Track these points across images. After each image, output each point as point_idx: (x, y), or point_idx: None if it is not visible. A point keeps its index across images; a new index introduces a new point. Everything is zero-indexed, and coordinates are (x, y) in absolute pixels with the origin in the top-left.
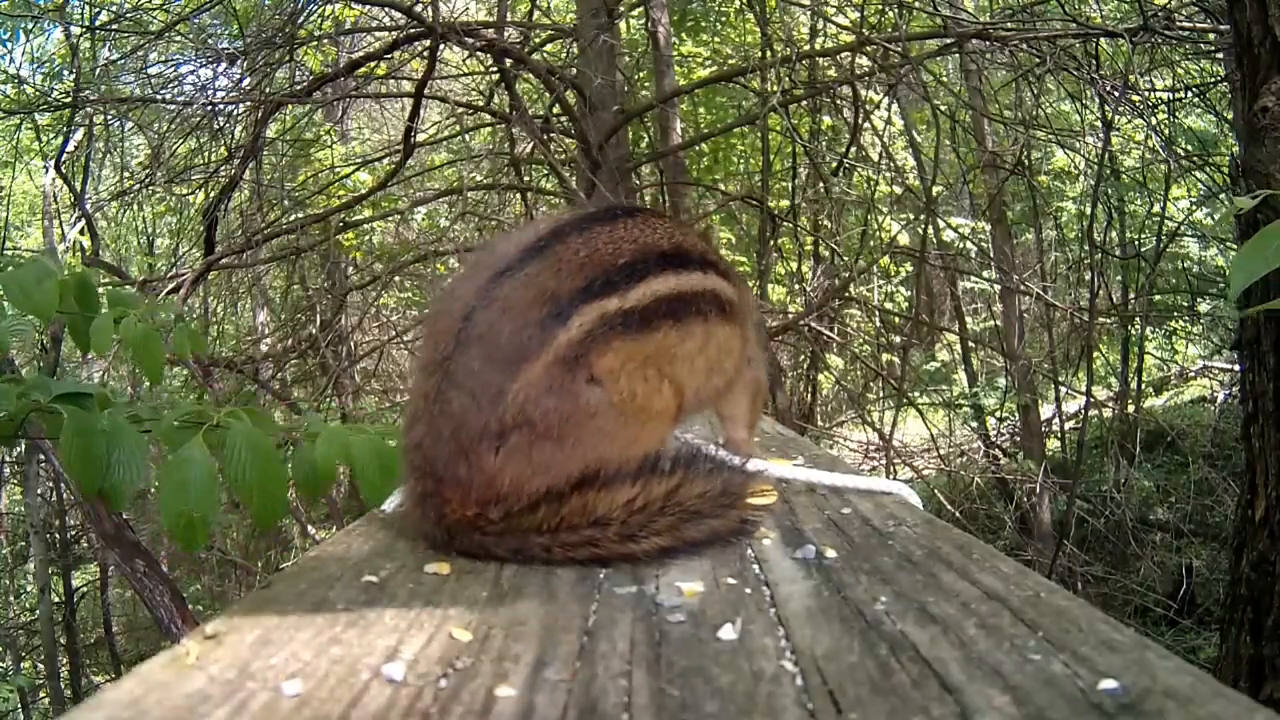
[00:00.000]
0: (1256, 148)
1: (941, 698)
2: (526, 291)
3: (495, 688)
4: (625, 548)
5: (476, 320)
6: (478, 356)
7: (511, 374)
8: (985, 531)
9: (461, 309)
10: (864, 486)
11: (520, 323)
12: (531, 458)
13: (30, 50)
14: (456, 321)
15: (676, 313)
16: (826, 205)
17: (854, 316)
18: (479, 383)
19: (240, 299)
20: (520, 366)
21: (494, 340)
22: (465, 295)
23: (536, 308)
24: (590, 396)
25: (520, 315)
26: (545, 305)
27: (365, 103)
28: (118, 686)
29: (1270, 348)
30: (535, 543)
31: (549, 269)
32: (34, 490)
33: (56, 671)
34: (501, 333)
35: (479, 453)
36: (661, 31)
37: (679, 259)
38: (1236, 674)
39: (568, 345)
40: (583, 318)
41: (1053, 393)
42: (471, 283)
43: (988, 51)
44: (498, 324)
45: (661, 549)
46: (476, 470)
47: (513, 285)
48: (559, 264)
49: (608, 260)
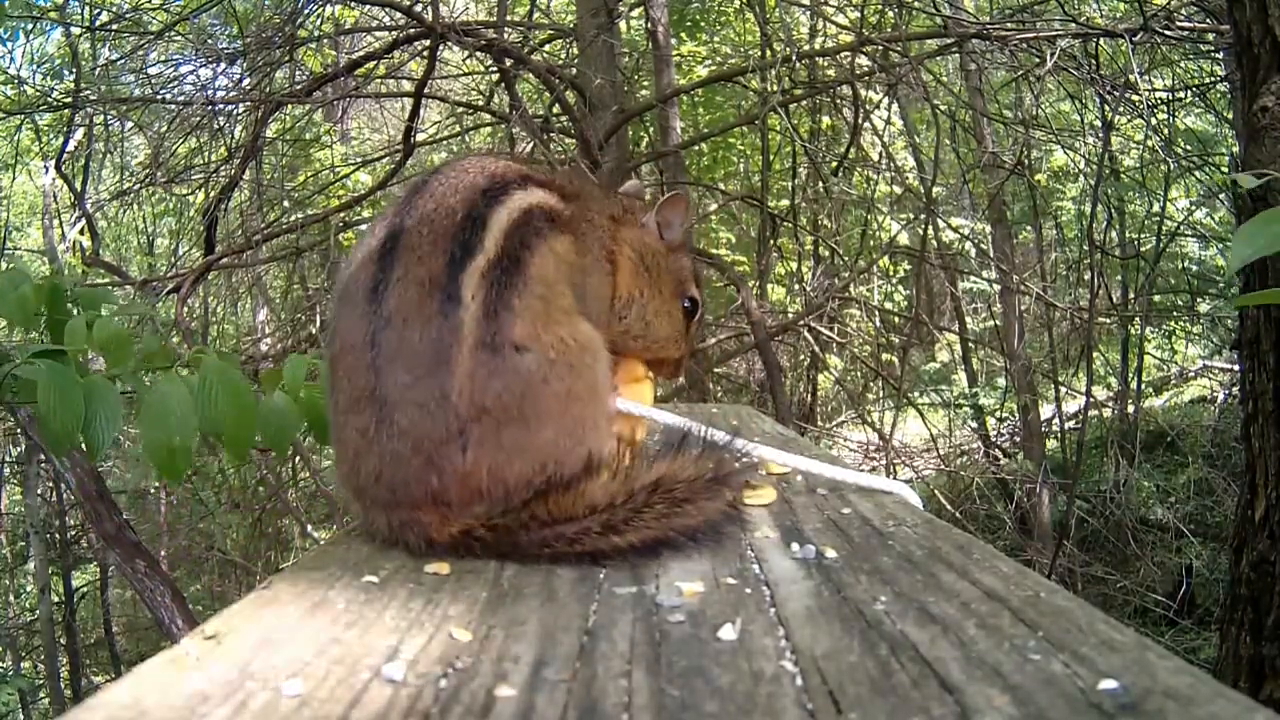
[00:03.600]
0: (1256, 148)
1: (941, 698)
2: (408, 293)
3: (495, 688)
4: (611, 540)
5: (382, 341)
6: (404, 371)
7: (446, 371)
8: (985, 531)
9: (360, 340)
10: (864, 484)
11: (422, 321)
12: (502, 443)
13: (30, 51)
14: (362, 353)
15: (524, 238)
16: (826, 205)
17: (854, 316)
18: (419, 393)
19: (240, 299)
20: (449, 362)
21: (410, 350)
22: (354, 325)
23: (427, 301)
24: (528, 364)
25: (418, 315)
26: (432, 294)
27: (365, 103)
28: (118, 686)
29: (1270, 348)
30: (527, 541)
31: (410, 261)
32: (34, 490)
33: (56, 671)
34: (413, 339)
35: (446, 456)
36: (661, 31)
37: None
38: (1236, 674)
39: (475, 324)
40: (468, 288)
41: (1053, 393)
42: (352, 311)
43: (988, 51)
44: (405, 334)
45: (654, 540)
46: (450, 476)
47: (395, 294)
48: (415, 252)
49: (447, 224)
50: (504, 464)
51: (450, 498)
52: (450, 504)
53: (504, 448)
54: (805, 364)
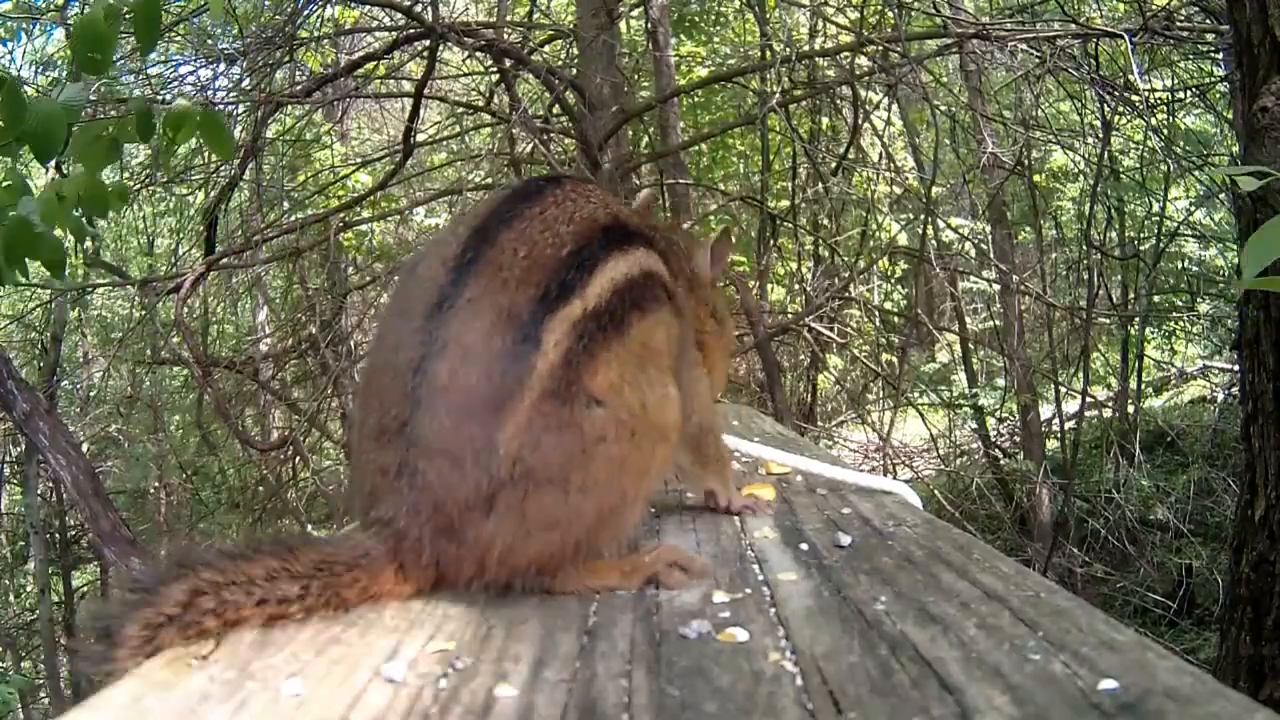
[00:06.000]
0: (1256, 148)
1: (941, 698)
2: (478, 321)
3: (495, 688)
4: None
5: (431, 371)
6: (447, 412)
7: (496, 422)
8: (985, 531)
9: (407, 361)
10: (864, 484)
11: (485, 360)
12: (526, 514)
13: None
14: (405, 377)
15: (639, 301)
16: (826, 205)
17: (854, 316)
18: (457, 441)
19: (240, 299)
20: (504, 411)
21: (461, 389)
22: (404, 342)
23: (497, 336)
24: (595, 420)
25: (482, 352)
26: (506, 331)
27: (365, 103)
28: (118, 686)
29: (1270, 348)
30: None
31: (492, 284)
32: (34, 490)
33: (56, 671)
34: (468, 378)
35: (470, 522)
36: (661, 31)
37: (622, 235)
38: (1236, 674)
39: (550, 373)
40: (553, 334)
41: (1052, 393)
42: (406, 325)
43: (988, 52)
44: (460, 370)
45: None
46: (469, 544)
47: (460, 319)
48: (500, 274)
49: (550, 254)
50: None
51: (461, 573)
52: (458, 578)
53: (527, 519)
54: (805, 364)
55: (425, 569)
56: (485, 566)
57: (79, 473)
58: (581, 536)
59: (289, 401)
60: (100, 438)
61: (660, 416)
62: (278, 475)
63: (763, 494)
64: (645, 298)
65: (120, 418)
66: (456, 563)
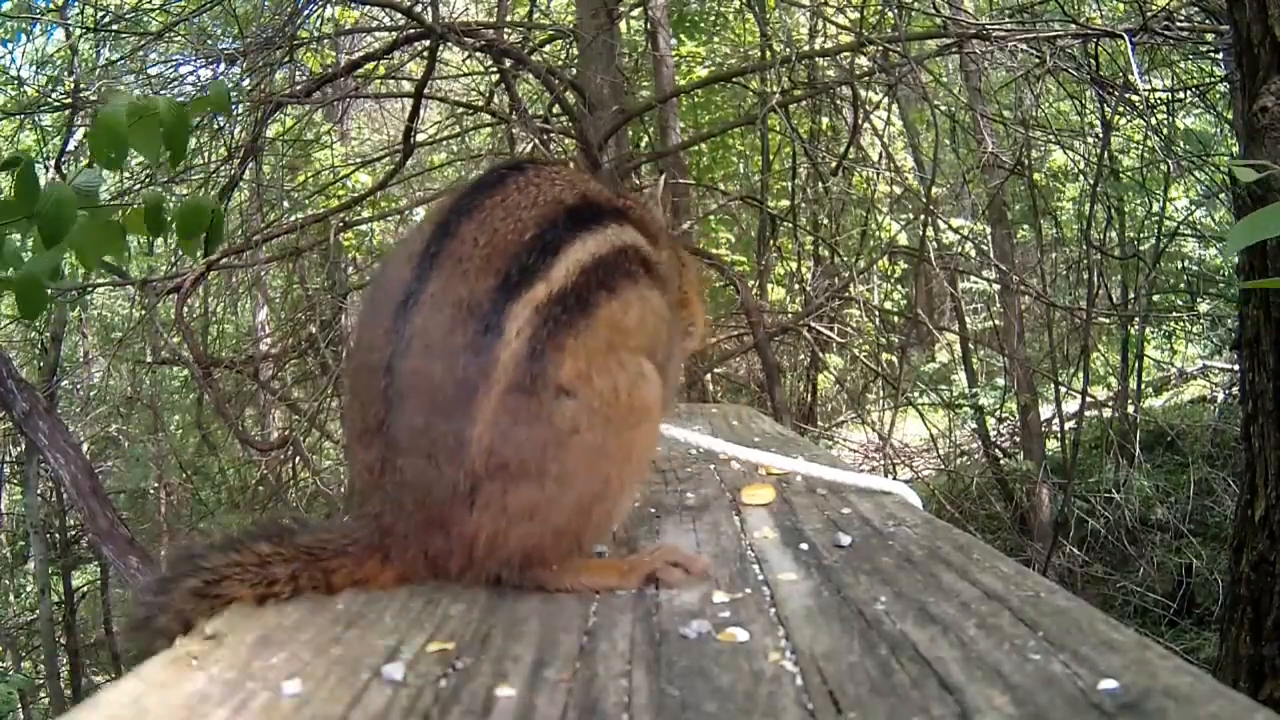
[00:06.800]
0: (1256, 148)
1: (941, 698)
2: (440, 315)
3: (495, 688)
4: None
5: (399, 369)
6: (417, 410)
7: (465, 417)
8: (985, 531)
9: (378, 361)
10: (864, 485)
11: (449, 355)
12: (507, 506)
13: (31, 51)
14: (378, 377)
15: (606, 281)
16: (826, 205)
17: (854, 316)
18: (430, 440)
19: (240, 299)
20: (471, 405)
21: (428, 386)
22: (376, 342)
23: (459, 329)
24: (565, 412)
25: (445, 345)
26: (468, 323)
27: (365, 103)
28: (118, 686)
29: (1270, 348)
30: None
31: (453, 276)
32: (34, 490)
33: (56, 671)
34: (433, 374)
35: (454, 516)
36: (661, 32)
37: (589, 213)
38: (1236, 674)
39: (515, 363)
40: (515, 320)
41: (1052, 393)
42: (377, 325)
43: (987, 51)
44: (425, 366)
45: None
46: (456, 537)
47: (423, 315)
48: (460, 265)
49: (512, 240)
50: (505, 532)
51: (451, 564)
52: (449, 569)
53: (507, 511)
54: (805, 364)
55: (413, 560)
56: (474, 559)
57: (78, 472)
58: (568, 525)
59: (289, 401)
60: (100, 438)
61: (636, 398)
62: (278, 475)
63: (763, 494)
64: (616, 275)
65: (120, 418)
66: (445, 555)
